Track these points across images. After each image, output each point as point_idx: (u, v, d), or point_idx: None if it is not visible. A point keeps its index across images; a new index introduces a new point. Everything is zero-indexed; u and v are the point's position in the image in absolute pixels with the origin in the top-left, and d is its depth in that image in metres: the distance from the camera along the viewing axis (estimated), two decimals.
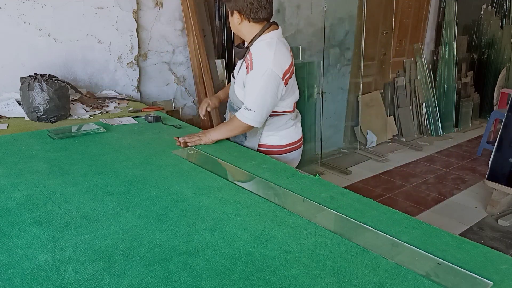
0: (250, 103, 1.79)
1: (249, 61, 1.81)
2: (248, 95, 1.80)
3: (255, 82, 1.78)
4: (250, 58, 1.81)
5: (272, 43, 1.82)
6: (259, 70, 1.77)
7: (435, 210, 3.39)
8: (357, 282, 0.97)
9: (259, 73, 1.77)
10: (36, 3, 2.32)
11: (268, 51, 1.79)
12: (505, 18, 5.94)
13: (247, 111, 1.80)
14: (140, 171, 1.54)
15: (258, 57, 1.79)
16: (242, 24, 1.84)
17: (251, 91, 1.79)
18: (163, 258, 1.03)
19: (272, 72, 1.76)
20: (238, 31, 1.89)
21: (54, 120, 2.11)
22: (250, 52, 1.83)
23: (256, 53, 1.81)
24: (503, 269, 1.01)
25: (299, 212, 1.27)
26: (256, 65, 1.78)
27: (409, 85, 5.13)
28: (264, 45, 1.82)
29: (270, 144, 1.96)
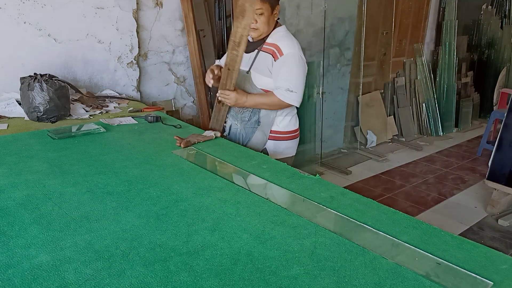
0: (292, 85, 1.92)
1: (275, 50, 1.94)
2: (285, 79, 1.92)
3: (291, 66, 1.92)
4: (275, 47, 1.95)
5: (290, 34, 2.02)
6: (292, 55, 1.92)
7: (435, 210, 3.39)
8: (357, 282, 0.97)
9: (292, 58, 1.92)
10: (36, 3, 2.32)
11: (292, 39, 1.98)
12: (505, 18, 5.94)
13: (289, 92, 1.92)
14: (140, 171, 1.54)
15: (286, 45, 1.94)
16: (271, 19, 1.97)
17: (289, 74, 1.92)
18: (163, 258, 1.03)
19: (302, 58, 1.96)
20: (270, 26, 1.97)
21: (54, 120, 2.11)
22: (271, 43, 1.97)
23: (281, 41, 1.95)
24: (503, 269, 1.01)
25: (299, 212, 1.27)
26: (287, 51, 1.92)
27: (409, 85, 5.13)
28: (285, 34, 1.99)
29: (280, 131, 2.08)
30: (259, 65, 2.00)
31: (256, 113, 2.05)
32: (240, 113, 2.08)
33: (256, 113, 2.05)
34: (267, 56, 1.97)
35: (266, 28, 1.95)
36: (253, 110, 2.04)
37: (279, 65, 1.93)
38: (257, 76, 2.01)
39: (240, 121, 2.09)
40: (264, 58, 1.98)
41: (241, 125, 2.09)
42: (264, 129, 2.05)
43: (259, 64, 2.00)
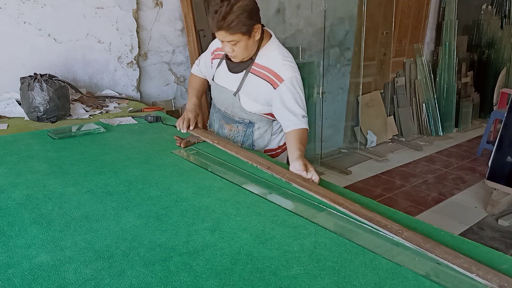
0: (304, 111, 1.73)
1: (272, 77, 1.74)
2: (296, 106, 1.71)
3: (297, 92, 1.72)
4: (271, 74, 1.74)
5: (283, 51, 1.79)
6: (293, 80, 1.72)
7: (435, 210, 3.39)
8: (357, 282, 0.97)
9: (295, 83, 1.72)
10: (36, 3, 2.32)
11: (286, 59, 1.76)
12: (505, 18, 5.94)
13: (305, 119, 1.72)
14: (140, 171, 1.54)
15: (284, 68, 1.73)
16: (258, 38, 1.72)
17: (298, 101, 1.72)
18: (163, 258, 1.03)
19: (299, 79, 1.75)
20: (251, 49, 1.73)
21: (54, 120, 2.11)
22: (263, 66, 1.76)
23: (276, 65, 1.74)
24: (503, 269, 1.01)
25: (299, 212, 1.27)
26: (287, 76, 1.72)
27: (409, 85, 5.13)
28: (277, 55, 1.76)
29: (273, 148, 1.97)
30: (251, 90, 1.79)
31: (250, 138, 1.91)
32: (231, 137, 1.95)
33: (249, 137, 1.91)
34: (262, 83, 1.76)
35: (247, 53, 1.72)
36: (245, 135, 1.91)
37: (283, 93, 1.72)
38: (248, 101, 1.82)
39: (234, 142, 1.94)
40: (257, 84, 1.77)
41: None
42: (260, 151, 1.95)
43: (250, 89, 1.79)
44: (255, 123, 1.87)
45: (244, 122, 1.87)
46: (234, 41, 1.64)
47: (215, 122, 2.02)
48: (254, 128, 1.88)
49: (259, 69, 1.76)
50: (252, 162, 1.52)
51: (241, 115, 1.86)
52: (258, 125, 1.88)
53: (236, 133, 1.92)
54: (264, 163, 1.51)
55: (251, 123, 1.87)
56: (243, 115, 1.86)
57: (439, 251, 1.05)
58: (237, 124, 1.89)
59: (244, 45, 1.67)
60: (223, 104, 1.92)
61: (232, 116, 1.90)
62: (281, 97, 1.72)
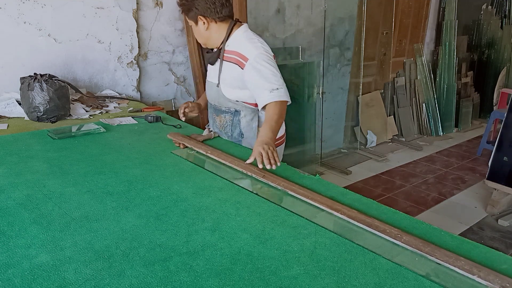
0: (273, 83, 1.77)
1: (238, 58, 1.83)
2: (264, 82, 1.78)
3: (262, 67, 1.78)
4: (237, 55, 1.83)
5: (249, 33, 1.89)
6: (257, 56, 1.79)
7: (435, 210, 3.39)
8: (357, 282, 0.97)
9: (259, 59, 1.79)
10: (36, 3, 2.32)
11: (252, 39, 1.85)
12: (505, 18, 5.94)
13: (276, 92, 1.77)
14: (140, 171, 1.54)
15: (247, 48, 1.82)
16: (210, 28, 1.86)
17: (264, 77, 1.78)
18: (163, 258, 1.03)
19: (267, 53, 1.82)
20: (207, 38, 1.89)
21: (54, 120, 2.11)
22: (231, 51, 1.85)
23: (241, 46, 1.84)
24: (503, 269, 1.01)
25: (299, 212, 1.27)
26: (250, 54, 1.80)
27: (409, 85, 5.13)
28: (243, 37, 1.86)
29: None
30: (226, 77, 1.89)
31: (237, 126, 1.96)
32: (222, 129, 2.01)
33: (236, 126, 1.96)
34: (232, 67, 1.85)
35: (201, 39, 1.90)
36: (233, 124, 1.96)
37: (249, 71, 1.80)
38: (227, 89, 1.91)
39: (225, 135, 2.03)
40: (229, 69, 1.87)
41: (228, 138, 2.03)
42: (249, 141, 1.98)
43: (226, 76, 1.89)
44: (240, 111, 1.93)
45: (230, 111, 1.94)
46: (190, 24, 1.91)
47: (210, 118, 2.11)
48: (240, 116, 1.94)
49: (229, 55, 1.87)
50: (247, 171, 1.53)
51: (226, 104, 1.95)
52: (244, 113, 1.94)
53: (225, 123, 1.98)
54: (259, 172, 1.52)
55: (236, 111, 1.93)
56: (228, 104, 1.94)
57: (439, 254, 1.04)
58: (225, 114, 1.97)
59: (197, 30, 1.88)
60: (211, 98, 2.03)
61: (220, 107, 1.98)
62: (249, 76, 1.81)
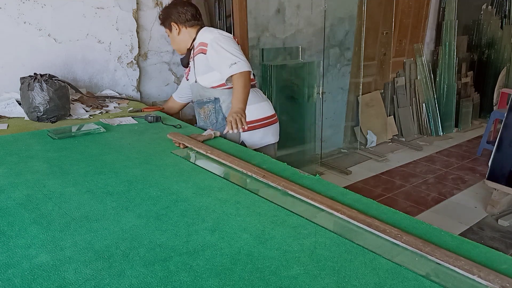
0: (231, 59, 1.99)
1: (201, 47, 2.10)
2: (223, 59, 2.01)
3: (219, 47, 2.02)
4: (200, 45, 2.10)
5: (210, 28, 2.19)
6: (213, 39, 2.05)
7: (435, 210, 3.39)
8: (357, 282, 0.96)
9: (216, 41, 2.04)
10: (36, 3, 2.32)
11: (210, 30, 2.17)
12: (505, 18, 5.94)
13: (235, 65, 1.97)
14: (140, 171, 1.54)
15: (205, 36, 2.10)
16: (181, 33, 2.19)
17: (222, 55, 2.01)
18: (163, 258, 1.03)
19: (222, 35, 2.08)
20: (180, 42, 2.21)
21: (54, 120, 2.11)
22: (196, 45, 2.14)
23: (201, 38, 2.12)
24: (503, 269, 1.01)
25: (299, 212, 1.27)
26: (207, 40, 2.07)
27: (409, 85, 5.13)
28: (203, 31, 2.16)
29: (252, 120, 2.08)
30: (198, 68, 2.15)
31: (220, 112, 2.15)
32: (207, 119, 2.21)
33: (219, 112, 2.16)
34: (200, 57, 2.12)
35: (175, 45, 2.25)
36: (216, 111, 2.16)
37: (211, 54, 2.04)
38: (202, 78, 2.15)
39: (210, 125, 2.19)
40: (198, 59, 2.13)
41: (214, 128, 2.11)
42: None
43: (198, 68, 2.15)
44: (219, 98, 2.14)
45: (211, 100, 2.16)
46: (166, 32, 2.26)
47: (196, 116, 2.32)
48: (220, 102, 2.15)
49: (195, 50, 2.16)
50: (247, 171, 1.53)
51: (206, 95, 2.17)
52: (222, 99, 2.14)
53: (208, 112, 2.18)
54: (259, 172, 1.52)
55: (216, 98, 2.15)
56: (207, 94, 2.16)
57: (439, 254, 1.04)
58: (207, 104, 2.17)
59: (172, 38, 2.25)
60: (194, 95, 2.27)
61: (202, 99, 2.20)
62: (211, 57, 2.05)
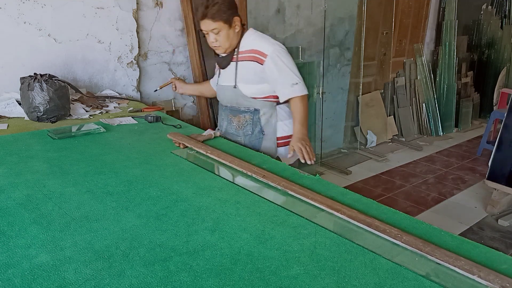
0: (293, 79, 1.93)
1: (256, 55, 1.94)
2: (284, 77, 1.92)
3: (281, 62, 1.92)
4: (254, 53, 1.94)
5: (259, 33, 2.04)
6: (275, 51, 1.92)
7: (435, 210, 3.39)
8: (357, 282, 0.97)
9: (277, 53, 1.92)
10: (36, 3, 2.32)
11: (265, 37, 2.00)
12: (505, 18, 5.94)
13: (297, 86, 1.93)
14: (140, 171, 1.54)
15: (263, 46, 1.94)
16: (237, 31, 1.96)
17: (284, 72, 1.92)
18: (163, 258, 1.03)
19: (280, 47, 1.96)
20: (232, 40, 1.97)
21: (54, 120, 2.11)
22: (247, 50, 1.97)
23: (256, 44, 1.96)
24: (503, 269, 1.01)
25: (299, 212, 1.27)
26: (268, 50, 1.92)
27: (409, 85, 5.13)
28: (256, 36, 2.00)
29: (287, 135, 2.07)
30: (244, 75, 2.00)
31: (257, 124, 2.05)
32: (241, 129, 2.08)
33: (257, 124, 2.05)
34: (251, 65, 1.98)
35: (228, 42, 1.95)
36: (253, 122, 2.05)
37: (269, 66, 1.94)
38: (245, 86, 2.02)
39: (243, 135, 2.09)
40: (247, 67, 1.99)
41: (245, 139, 2.08)
42: (270, 137, 2.06)
43: (243, 75, 2.00)
44: (259, 110, 2.02)
45: (249, 110, 2.03)
46: (216, 29, 1.89)
47: (224, 121, 2.17)
48: (260, 114, 2.03)
49: (244, 54, 1.99)
50: (247, 171, 1.53)
51: (245, 104, 2.03)
52: (263, 111, 2.03)
53: (245, 123, 2.06)
54: (259, 172, 1.52)
55: (256, 110, 2.02)
56: (246, 103, 2.02)
57: (439, 254, 1.04)
58: (244, 114, 2.05)
59: (225, 34, 1.91)
60: (227, 100, 2.11)
61: (238, 107, 2.07)
62: (270, 71, 1.94)
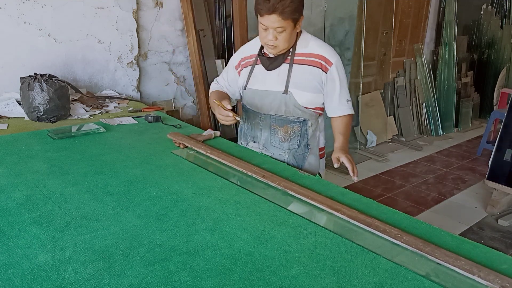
0: (347, 94, 1.82)
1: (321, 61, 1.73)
2: (343, 91, 1.80)
3: (343, 75, 1.78)
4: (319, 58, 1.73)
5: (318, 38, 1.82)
6: (339, 62, 1.76)
7: (435, 210, 3.39)
8: (357, 282, 0.97)
9: (340, 65, 1.77)
10: (36, 3, 2.32)
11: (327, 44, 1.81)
12: (505, 18, 5.94)
13: (350, 103, 1.85)
14: (140, 171, 1.54)
15: (329, 52, 1.76)
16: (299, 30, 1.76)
17: (343, 86, 1.80)
18: (163, 258, 1.03)
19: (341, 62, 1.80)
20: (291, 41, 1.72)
21: (54, 120, 2.11)
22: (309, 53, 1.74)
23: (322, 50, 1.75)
24: (503, 269, 1.01)
25: (299, 212, 1.27)
26: (333, 59, 1.74)
27: (409, 85, 5.13)
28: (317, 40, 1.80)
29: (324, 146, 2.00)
30: (299, 81, 1.74)
31: (305, 137, 1.84)
32: (286, 141, 1.84)
33: (304, 136, 1.84)
34: (311, 70, 1.73)
35: (288, 43, 1.70)
36: (301, 134, 1.84)
37: (332, 77, 1.75)
38: (300, 93, 1.75)
39: (288, 149, 1.84)
40: (306, 72, 1.74)
41: (290, 154, 1.85)
42: (314, 151, 1.91)
43: (298, 80, 1.74)
44: (308, 121, 1.83)
45: (299, 121, 1.81)
46: (282, 27, 1.62)
47: (263, 131, 1.87)
48: (308, 125, 1.84)
49: (304, 57, 1.75)
50: (247, 171, 1.53)
51: (296, 113, 1.80)
52: (310, 122, 1.84)
53: (292, 134, 1.83)
54: (259, 172, 1.52)
55: (305, 120, 1.82)
56: (298, 112, 1.79)
57: (439, 254, 1.04)
58: (293, 124, 1.82)
59: (288, 34, 1.66)
60: (271, 107, 1.80)
61: (286, 116, 1.80)
62: (332, 81, 1.76)
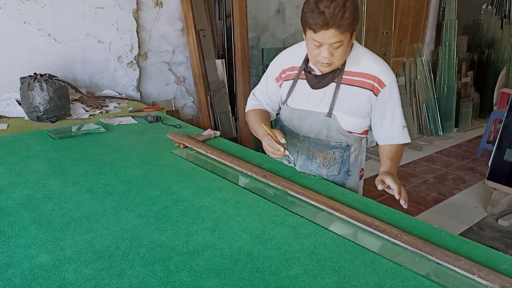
0: (401, 119, 1.60)
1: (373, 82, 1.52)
2: (397, 117, 1.59)
3: (396, 98, 1.57)
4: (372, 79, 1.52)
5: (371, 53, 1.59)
6: (393, 83, 1.54)
7: (435, 210, 3.39)
8: (357, 282, 0.97)
9: (395, 87, 1.55)
10: (36, 3, 2.32)
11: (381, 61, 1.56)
12: (505, 18, 5.94)
13: (406, 129, 1.62)
14: (140, 171, 1.54)
15: (384, 72, 1.53)
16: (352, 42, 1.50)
17: (397, 111, 1.58)
18: (163, 258, 1.03)
19: (396, 83, 1.58)
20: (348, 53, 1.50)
21: (54, 120, 2.11)
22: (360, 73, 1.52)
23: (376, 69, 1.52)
24: (503, 269, 1.01)
25: (299, 212, 1.27)
26: (388, 80, 1.52)
27: (409, 85, 5.13)
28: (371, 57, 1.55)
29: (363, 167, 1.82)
30: (346, 104, 1.54)
31: (346, 163, 1.67)
32: (325, 167, 1.67)
33: (346, 162, 1.67)
34: (360, 92, 1.53)
35: (343, 58, 1.47)
36: (342, 161, 1.66)
37: (383, 100, 1.54)
38: (345, 118, 1.56)
39: (326, 175, 1.67)
40: (353, 93, 1.53)
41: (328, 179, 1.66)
42: (355, 177, 1.74)
43: (344, 102, 1.54)
44: (351, 146, 1.65)
45: (341, 146, 1.63)
46: (339, 42, 1.38)
47: (301, 154, 1.70)
48: (351, 151, 1.66)
49: (354, 77, 1.53)
50: (247, 171, 1.53)
51: (338, 138, 1.62)
52: (354, 147, 1.66)
53: (332, 161, 1.66)
54: (259, 172, 1.52)
55: (348, 146, 1.64)
56: (341, 137, 1.61)
57: (439, 254, 1.05)
58: (333, 150, 1.64)
59: (345, 48, 1.43)
60: (311, 130, 1.63)
61: (328, 141, 1.63)
62: (383, 105, 1.55)
